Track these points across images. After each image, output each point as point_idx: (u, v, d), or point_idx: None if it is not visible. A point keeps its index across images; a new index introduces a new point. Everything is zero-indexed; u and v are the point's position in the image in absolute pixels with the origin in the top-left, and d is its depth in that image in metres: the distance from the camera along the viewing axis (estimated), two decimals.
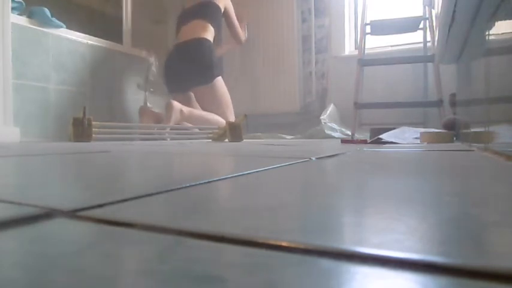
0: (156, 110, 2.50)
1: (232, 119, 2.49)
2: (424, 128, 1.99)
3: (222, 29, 2.74)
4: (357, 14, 2.91)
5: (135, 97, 2.64)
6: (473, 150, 0.90)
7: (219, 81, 2.56)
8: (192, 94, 2.54)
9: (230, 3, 2.77)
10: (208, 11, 2.63)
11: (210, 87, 2.51)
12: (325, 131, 2.48)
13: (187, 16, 2.63)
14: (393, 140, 1.47)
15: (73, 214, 0.21)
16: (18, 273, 0.13)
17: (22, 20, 1.94)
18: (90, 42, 2.30)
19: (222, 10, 2.70)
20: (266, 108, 2.97)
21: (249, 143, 1.66)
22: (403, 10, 2.80)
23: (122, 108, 2.54)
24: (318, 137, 2.46)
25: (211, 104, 2.52)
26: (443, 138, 1.55)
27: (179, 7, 2.95)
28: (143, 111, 2.51)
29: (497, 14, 0.81)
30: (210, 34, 2.55)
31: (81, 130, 1.72)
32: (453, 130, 1.77)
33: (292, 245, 0.15)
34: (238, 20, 2.82)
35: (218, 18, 2.67)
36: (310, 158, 0.65)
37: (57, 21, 2.08)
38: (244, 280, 0.12)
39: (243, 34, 2.87)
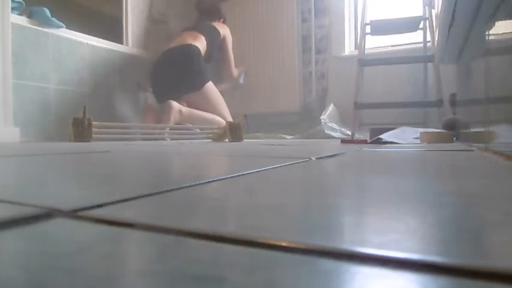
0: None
1: (229, 120, 2.48)
2: (424, 128, 1.99)
3: (215, 47, 2.68)
4: (357, 14, 2.90)
5: (135, 97, 2.64)
6: (473, 150, 0.90)
7: (210, 86, 2.50)
8: (183, 103, 2.49)
9: (230, 36, 2.77)
10: (204, 27, 2.64)
11: (202, 93, 2.45)
12: (325, 131, 2.47)
13: (182, 31, 2.63)
14: (393, 140, 1.47)
15: (73, 214, 0.21)
16: (18, 273, 0.13)
17: (22, 20, 1.94)
18: (90, 42, 2.30)
19: (221, 35, 2.70)
20: (266, 108, 2.96)
21: (249, 143, 1.66)
22: (403, 10, 2.80)
23: (122, 108, 2.54)
24: (318, 137, 2.46)
25: (206, 109, 2.48)
26: (443, 138, 1.55)
27: (179, 7, 2.95)
28: (147, 109, 2.50)
29: (497, 14, 0.81)
30: (200, 43, 2.50)
31: (81, 130, 1.72)
32: (453, 130, 1.76)
33: (292, 245, 0.15)
34: (236, 66, 2.83)
35: (213, 36, 2.64)
36: (310, 158, 0.65)
37: (57, 21, 2.07)
38: (244, 280, 0.12)
39: (236, 73, 2.86)
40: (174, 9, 2.93)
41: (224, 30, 2.76)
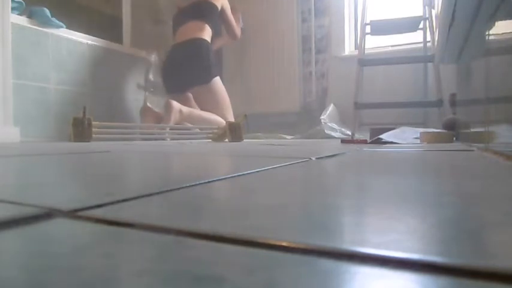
0: (158, 110, 2.50)
1: (231, 119, 2.49)
2: (424, 128, 1.99)
3: (219, 27, 2.73)
4: (357, 14, 2.90)
5: (135, 97, 2.64)
6: (473, 150, 0.90)
7: (217, 81, 2.56)
8: (190, 95, 2.53)
9: (227, 2, 2.77)
10: (204, 11, 2.63)
11: (208, 87, 2.50)
12: (325, 131, 2.47)
13: (183, 16, 2.63)
14: (393, 140, 1.47)
15: (73, 214, 0.21)
16: (18, 273, 0.13)
17: (22, 20, 1.94)
18: (90, 42, 2.30)
19: (219, 8, 2.70)
20: (266, 108, 2.96)
21: (249, 143, 1.66)
22: (403, 10, 2.80)
23: (122, 108, 2.54)
24: (318, 137, 2.46)
25: (210, 104, 2.51)
26: (443, 138, 1.55)
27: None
28: (145, 111, 2.51)
29: (497, 14, 0.81)
30: (207, 34, 2.55)
31: (81, 130, 1.72)
32: (453, 130, 1.76)
33: (292, 245, 0.15)
34: (232, 12, 2.81)
35: (215, 17, 2.66)
36: (310, 158, 0.65)
37: (57, 21, 2.08)
38: (244, 280, 0.12)
39: (238, 30, 2.86)
40: (174, 9, 2.93)
41: (221, 0, 2.75)
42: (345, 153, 0.81)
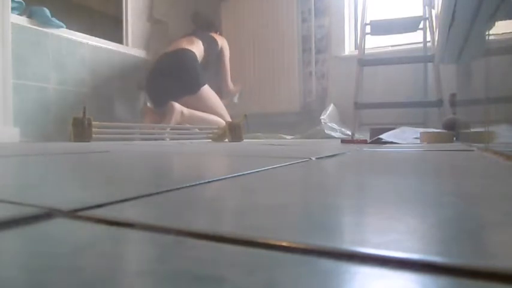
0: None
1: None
2: (424, 128, 1.99)
3: (212, 54, 2.70)
4: (357, 14, 2.90)
5: (135, 97, 2.64)
6: (473, 150, 0.90)
7: (206, 89, 2.49)
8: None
9: (227, 47, 2.80)
10: (202, 34, 2.65)
11: (197, 96, 2.44)
12: (325, 131, 2.47)
13: (181, 36, 2.64)
14: (393, 140, 1.47)
15: (73, 214, 0.21)
16: (18, 273, 0.13)
17: (22, 20, 1.94)
18: (90, 42, 2.30)
19: (219, 46, 2.73)
20: (266, 108, 2.96)
21: (249, 143, 1.66)
22: (403, 10, 2.80)
23: (121, 108, 2.54)
24: (318, 137, 2.46)
25: (204, 112, 2.47)
26: (443, 138, 1.55)
27: (180, 6, 2.95)
28: (146, 111, 2.50)
29: (497, 14, 0.81)
30: (196, 48, 2.50)
31: (81, 130, 1.72)
32: (453, 130, 1.76)
33: (292, 245, 0.15)
34: (234, 83, 2.86)
35: (211, 44, 2.66)
36: (310, 158, 0.65)
37: (57, 21, 2.08)
38: (244, 280, 0.12)
39: (232, 86, 2.88)
40: (175, 10, 2.93)
41: (222, 41, 2.78)
42: (345, 153, 0.81)
